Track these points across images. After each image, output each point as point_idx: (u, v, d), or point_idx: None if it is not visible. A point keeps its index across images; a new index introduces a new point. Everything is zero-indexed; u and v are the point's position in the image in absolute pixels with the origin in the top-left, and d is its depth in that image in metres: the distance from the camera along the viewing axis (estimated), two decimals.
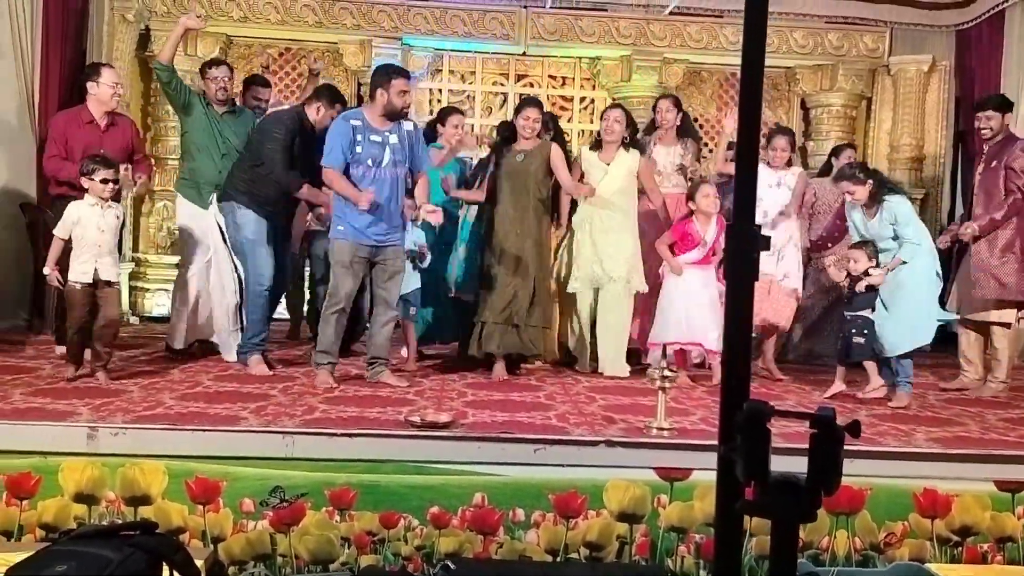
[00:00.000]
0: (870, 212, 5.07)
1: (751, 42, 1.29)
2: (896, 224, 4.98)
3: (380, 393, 4.69)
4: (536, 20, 7.86)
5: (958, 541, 3.76)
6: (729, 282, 1.22)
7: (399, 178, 4.88)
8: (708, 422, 4.28)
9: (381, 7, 7.70)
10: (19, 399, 4.15)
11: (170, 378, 4.88)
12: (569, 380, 5.34)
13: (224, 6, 7.59)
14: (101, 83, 5.29)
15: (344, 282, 4.81)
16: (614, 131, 5.54)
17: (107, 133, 5.33)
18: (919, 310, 4.92)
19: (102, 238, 4.65)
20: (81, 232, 4.62)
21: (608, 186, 5.49)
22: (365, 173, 4.78)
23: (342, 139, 4.76)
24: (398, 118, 4.86)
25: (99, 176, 4.65)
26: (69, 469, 3.56)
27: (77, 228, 4.62)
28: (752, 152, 1.31)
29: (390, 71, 4.93)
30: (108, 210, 4.69)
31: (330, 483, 3.61)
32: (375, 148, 4.79)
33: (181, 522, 3.57)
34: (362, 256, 4.83)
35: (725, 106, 8.40)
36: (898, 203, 5.02)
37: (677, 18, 7.93)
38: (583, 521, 3.67)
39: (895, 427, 4.32)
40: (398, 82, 4.80)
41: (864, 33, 8.03)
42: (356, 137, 4.76)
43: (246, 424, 3.85)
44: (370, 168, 4.79)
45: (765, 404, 1.13)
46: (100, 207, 4.66)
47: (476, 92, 8.31)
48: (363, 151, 4.77)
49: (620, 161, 5.54)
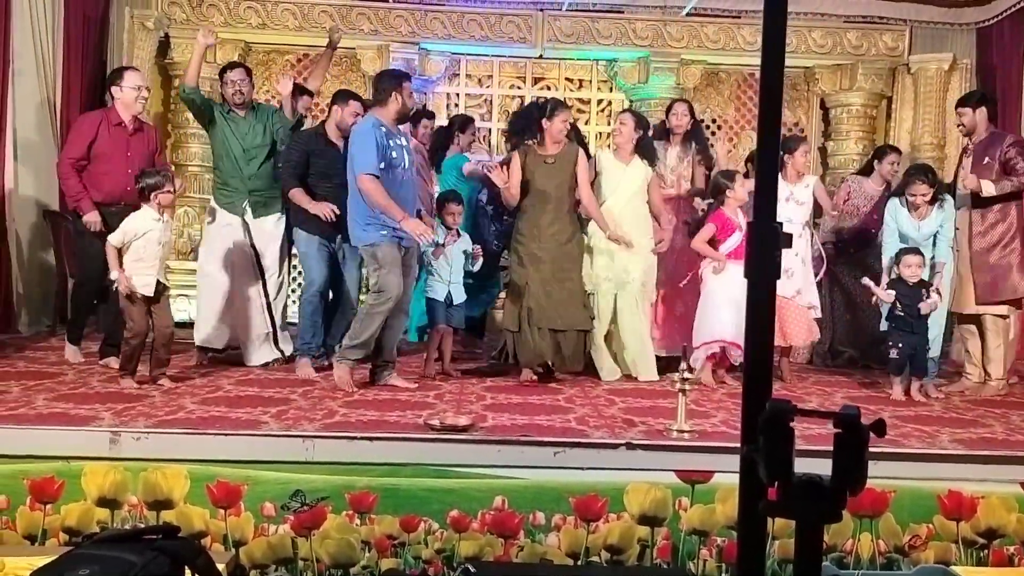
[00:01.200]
0: (920, 213, 5.24)
1: (770, 42, 1.28)
2: (943, 225, 5.23)
3: (399, 397, 4.70)
4: (552, 23, 7.85)
5: (984, 543, 3.72)
6: (750, 281, 1.21)
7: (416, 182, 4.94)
8: (729, 424, 4.26)
9: (398, 12, 7.73)
10: (42, 404, 4.18)
11: (191, 382, 4.91)
12: (588, 383, 5.31)
13: (243, 13, 7.63)
14: (125, 87, 5.30)
15: (394, 280, 4.78)
16: (621, 133, 5.50)
17: (133, 137, 5.34)
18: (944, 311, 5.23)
19: (162, 252, 4.76)
20: (144, 245, 4.66)
21: (626, 188, 5.46)
22: (401, 177, 4.81)
23: (376, 147, 4.71)
24: (407, 120, 4.98)
25: (167, 188, 4.74)
26: (92, 473, 3.59)
27: (139, 241, 4.65)
28: (772, 152, 1.30)
29: (399, 75, 5.03)
30: (167, 224, 4.82)
31: (350, 487, 3.62)
32: (400, 151, 4.82)
33: (203, 526, 3.58)
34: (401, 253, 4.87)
35: (743, 106, 8.37)
36: (951, 204, 5.30)
37: (694, 19, 7.90)
38: (604, 524, 3.66)
39: (919, 428, 4.28)
40: (408, 84, 4.90)
41: (884, 32, 7.96)
42: (388, 142, 4.77)
43: (267, 428, 3.86)
44: (402, 171, 4.82)
45: (788, 403, 1.11)
46: (162, 222, 4.75)
47: (493, 96, 8.31)
48: (397, 155, 4.80)
49: (636, 164, 5.51)
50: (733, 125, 8.39)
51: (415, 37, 7.74)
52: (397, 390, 4.87)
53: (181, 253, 7.61)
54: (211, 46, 5.66)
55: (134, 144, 5.32)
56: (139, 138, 5.38)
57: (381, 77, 5.07)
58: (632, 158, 5.51)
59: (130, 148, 5.28)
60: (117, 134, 5.28)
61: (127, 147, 5.27)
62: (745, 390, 1.20)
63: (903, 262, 5.10)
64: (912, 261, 5.08)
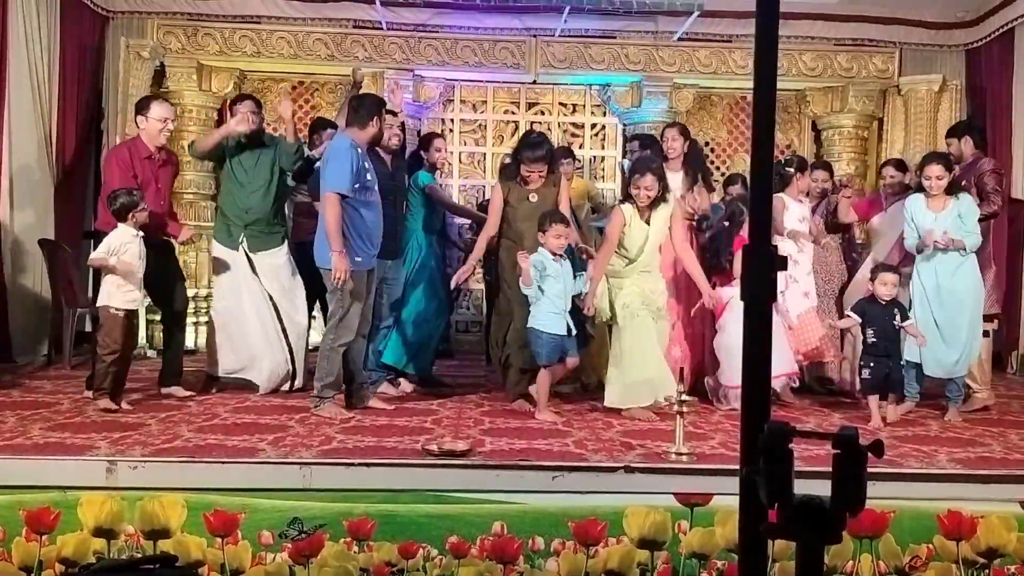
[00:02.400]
0: (937, 204, 5.13)
1: (762, 66, 1.29)
2: (964, 218, 5.09)
3: (397, 422, 4.69)
4: (546, 48, 7.91)
5: (984, 563, 3.70)
6: (746, 303, 1.22)
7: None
8: (727, 446, 4.25)
9: (392, 39, 7.78)
10: (38, 434, 4.16)
11: (187, 411, 4.89)
12: (585, 406, 5.30)
13: (238, 41, 7.68)
14: (150, 118, 5.20)
15: (357, 315, 4.85)
16: (648, 199, 5.10)
17: (161, 168, 5.29)
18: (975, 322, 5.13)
19: (141, 266, 4.85)
20: (128, 260, 4.77)
21: (652, 244, 5.20)
22: (372, 199, 4.85)
23: (351, 166, 4.71)
24: (377, 144, 5.07)
25: (141, 207, 4.83)
26: (88, 503, 3.57)
27: (125, 256, 4.75)
28: (766, 174, 1.32)
29: (380, 102, 5.11)
30: (141, 240, 4.88)
31: (348, 514, 3.60)
32: (372, 175, 4.88)
33: (200, 555, 3.56)
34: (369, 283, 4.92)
35: (736, 129, 8.42)
36: (969, 200, 5.18)
37: (686, 43, 7.97)
38: (603, 548, 3.64)
39: (917, 448, 4.28)
40: (386, 114, 5.03)
41: (873, 54, 8.04)
42: (364, 164, 4.80)
43: (264, 456, 3.84)
44: (374, 194, 4.87)
45: (786, 425, 1.12)
46: (139, 238, 4.85)
47: (488, 121, 8.36)
48: (371, 178, 4.84)
49: (658, 216, 5.19)
50: (726, 148, 8.44)
51: (409, 64, 7.79)
52: (396, 415, 4.86)
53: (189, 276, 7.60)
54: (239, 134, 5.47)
55: (162, 175, 5.29)
56: (166, 170, 5.35)
57: (363, 100, 5.07)
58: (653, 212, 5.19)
59: (159, 180, 5.24)
60: (146, 166, 5.19)
61: (156, 178, 5.22)
62: (744, 412, 1.21)
63: (879, 279, 4.91)
64: (888, 279, 4.91)
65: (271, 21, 7.80)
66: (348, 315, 4.83)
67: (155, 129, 5.20)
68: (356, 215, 4.79)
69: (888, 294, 4.89)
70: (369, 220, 4.84)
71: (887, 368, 4.83)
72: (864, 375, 4.89)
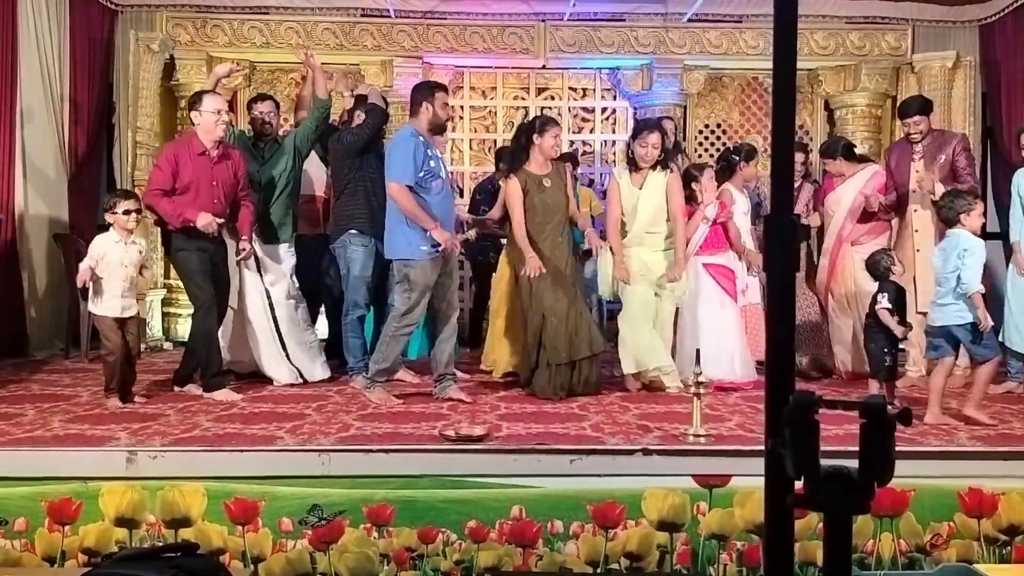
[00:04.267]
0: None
1: (781, 42, 1.28)
2: None
3: (414, 409, 4.69)
4: (555, 33, 7.88)
5: (1006, 540, 3.69)
6: (770, 274, 1.21)
7: None
8: (745, 427, 4.24)
9: (401, 27, 7.76)
10: (58, 426, 4.19)
11: (205, 400, 4.91)
12: (602, 390, 5.30)
13: (247, 33, 7.68)
14: (204, 111, 5.01)
15: (423, 304, 4.86)
16: (652, 158, 5.28)
17: (218, 165, 5.06)
18: None
19: (124, 272, 4.71)
20: (106, 267, 4.67)
21: (644, 210, 5.28)
22: (440, 187, 4.83)
23: (414, 156, 4.72)
24: (442, 131, 4.95)
25: (121, 208, 4.70)
26: (109, 493, 3.59)
27: (103, 263, 4.66)
28: (788, 148, 1.30)
29: (432, 85, 5.03)
30: (131, 245, 4.75)
31: (367, 500, 3.61)
32: (437, 162, 4.84)
33: (221, 543, 3.58)
34: (436, 274, 4.87)
35: (747, 110, 8.36)
36: None
37: (696, 25, 7.91)
38: (622, 531, 3.64)
39: (937, 426, 4.26)
40: (441, 95, 4.90)
41: (886, 32, 7.96)
42: (427, 152, 4.78)
43: (282, 443, 3.86)
44: (440, 183, 4.83)
45: (812, 395, 1.11)
46: (124, 242, 4.72)
47: (498, 107, 8.34)
48: (436, 165, 4.82)
49: (653, 181, 5.30)
50: (739, 129, 8.38)
51: (418, 51, 7.77)
52: (412, 401, 4.86)
53: None
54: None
55: (219, 172, 5.06)
56: (224, 166, 5.10)
57: (414, 89, 5.11)
58: (647, 177, 5.31)
59: (215, 177, 5.03)
60: (201, 163, 5.00)
61: (212, 176, 5.02)
62: (768, 384, 1.20)
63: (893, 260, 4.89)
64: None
65: (279, 12, 7.79)
66: (414, 306, 4.84)
67: (211, 122, 4.99)
68: (422, 203, 4.77)
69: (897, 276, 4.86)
70: (435, 207, 4.81)
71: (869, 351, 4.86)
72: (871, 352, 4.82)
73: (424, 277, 4.80)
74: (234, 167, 5.17)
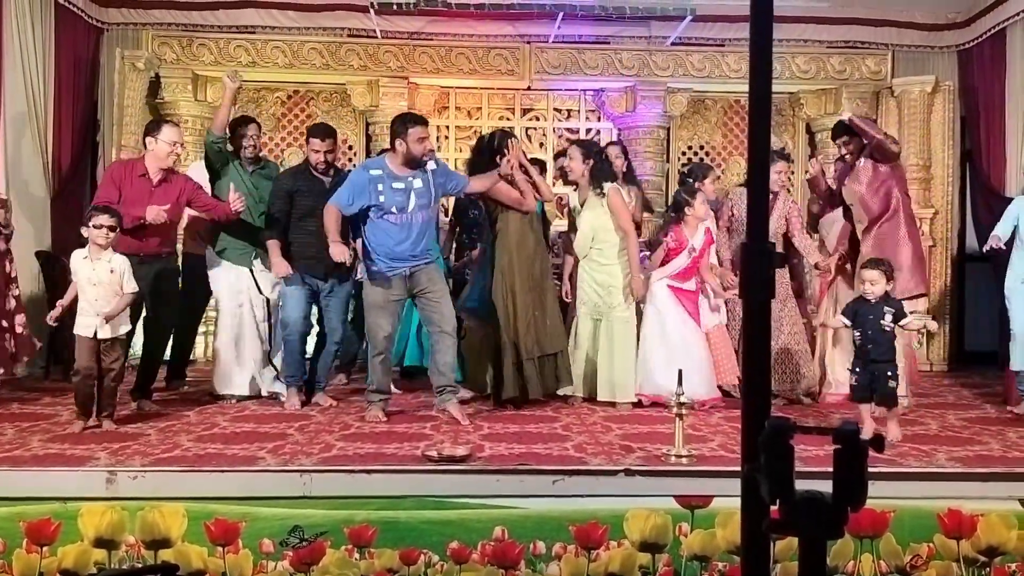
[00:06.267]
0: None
1: (758, 66, 1.30)
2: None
3: (396, 429, 4.69)
4: (540, 55, 7.94)
5: (985, 561, 3.71)
6: (745, 300, 1.23)
7: (427, 221, 4.95)
8: (727, 448, 4.26)
9: (387, 48, 7.80)
10: (37, 446, 4.16)
11: (187, 420, 4.88)
12: (584, 410, 5.31)
13: (232, 51, 7.69)
14: (160, 140, 5.13)
15: (380, 323, 4.89)
16: (572, 171, 5.60)
17: (158, 188, 5.14)
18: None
19: (95, 291, 4.53)
20: (79, 284, 4.56)
21: (585, 231, 5.55)
22: (395, 220, 4.85)
23: (353, 188, 4.89)
24: (419, 165, 4.92)
25: (93, 221, 4.54)
26: (88, 514, 3.56)
27: (76, 280, 4.56)
28: (763, 173, 1.33)
29: (407, 120, 4.99)
30: (99, 263, 4.55)
31: (349, 521, 3.60)
32: (399, 195, 4.85)
33: (201, 564, 3.55)
34: (395, 297, 4.91)
35: (730, 132, 8.45)
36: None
37: (679, 48, 8.00)
38: (604, 552, 3.64)
39: (916, 447, 4.29)
40: (415, 130, 4.86)
41: (866, 56, 8.07)
42: (377, 187, 4.83)
43: (264, 464, 3.84)
44: (397, 214, 4.85)
45: (787, 420, 1.12)
46: (91, 260, 4.54)
47: (483, 127, 8.37)
48: (387, 199, 4.84)
49: (590, 204, 5.56)
50: (721, 151, 8.46)
51: (404, 72, 7.81)
52: (395, 422, 4.86)
53: None
54: (240, 89, 5.63)
55: (158, 195, 5.10)
56: (165, 189, 5.17)
57: (392, 121, 5.14)
58: (588, 196, 5.56)
59: (153, 199, 5.07)
60: (141, 184, 5.12)
61: (150, 198, 5.07)
62: (744, 409, 1.21)
63: (861, 275, 4.66)
64: (871, 276, 4.56)
65: (266, 31, 7.84)
66: (368, 325, 5.00)
67: (163, 152, 5.14)
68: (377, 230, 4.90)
69: (873, 292, 4.54)
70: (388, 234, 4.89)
71: (871, 374, 4.46)
72: (852, 381, 4.58)
73: (373, 296, 4.91)
74: (174, 191, 5.20)
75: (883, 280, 4.54)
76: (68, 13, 7.11)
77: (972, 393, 6.22)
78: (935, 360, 7.79)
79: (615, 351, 5.46)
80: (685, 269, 5.52)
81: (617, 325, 5.47)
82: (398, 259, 4.86)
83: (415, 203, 4.88)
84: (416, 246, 4.89)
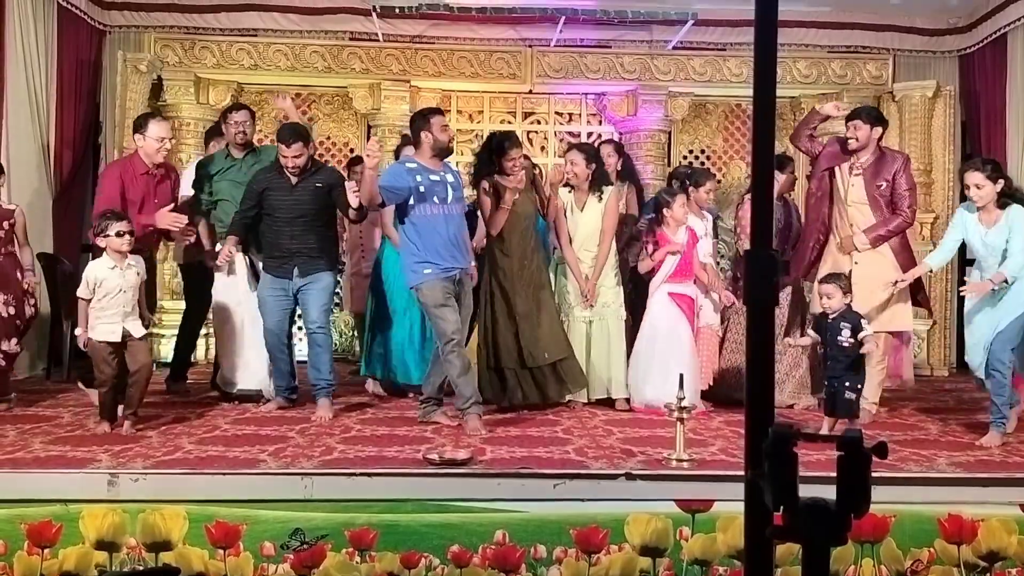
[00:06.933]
0: (987, 219, 4.56)
1: (762, 70, 1.31)
2: (1011, 236, 4.47)
3: (398, 432, 4.69)
4: (541, 58, 7.94)
5: (985, 567, 3.71)
6: (749, 307, 1.23)
7: (461, 213, 5.01)
8: (728, 452, 4.26)
9: (389, 51, 7.81)
10: (39, 447, 4.16)
11: (188, 423, 4.89)
12: (585, 414, 5.32)
13: (235, 54, 7.70)
14: (147, 136, 5.21)
15: (449, 318, 4.77)
16: (576, 175, 5.57)
17: (160, 184, 5.30)
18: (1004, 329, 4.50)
19: (125, 298, 4.56)
20: (104, 294, 4.52)
21: (583, 234, 5.57)
22: (436, 210, 4.85)
23: (393, 175, 4.88)
24: (447, 154, 5.00)
25: (113, 230, 4.53)
26: (90, 516, 3.57)
27: (100, 290, 4.53)
28: (767, 179, 1.33)
29: (426, 113, 5.07)
30: (128, 269, 4.60)
31: (350, 524, 3.61)
32: (438, 186, 4.87)
33: (202, 567, 3.56)
34: (449, 292, 4.85)
35: (731, 137, 8.46)
36: (1018, 212, 4.51)
37: (681, 52, 8.00)
38: (605, 556, 3.65)
39: (916, 452, 4.29)
40: (436, 119, 4.94)
41: (867, 61, 8.07)
42: (416, 177, 4.83)
43: (265, 466, 3.85)
44: (438, 205, 4.85)
45: (791, 428, 1.13)
46: (120, 268, 4.56)
47: (485, 130, 8.37)
48: (427, 190, 4.84)
49: (590, 205, 5.58)
50: (722, 155, 8.47)
51: (406, 75, 7.81)
52: (396, 425, 4.86)
53: (175, 294, 7.60)
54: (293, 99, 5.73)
55: (160, 191, 5.28)
56: (164, 184, 5.34)
57: (411, 121, 5.18)
58: (587, 199, 5.58)
59: (157, 195, 5.24)
60: (143, 182, 5.24)
61: (154, 194, 5.23)
62: (748, 416, 1.22)
63: (819, 290, 4.65)
64: (827, 290, 4.54)
65: (268, 34, 7.83)
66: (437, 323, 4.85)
67: (152, 148, 5.22)
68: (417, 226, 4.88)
69: (831, 307, 4.53)
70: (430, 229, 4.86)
71: (833, 388, 4.50)
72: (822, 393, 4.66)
73: (433, 295, 4.79)
74: (172, 185, 5.41)
75: (839, 294, 4.53)
76: (70, 15, 7.11)
77: (973, 398, 6.21)
78: (936, 365, 7.79)
79: (611, 349, 5.51)
80: (678, 269, 5.49)
81: (612, 323, 5.54)
82: (448, 256, 4.81)
83: (452, 195, 4.93)
84: (458, 237, 4.91)
